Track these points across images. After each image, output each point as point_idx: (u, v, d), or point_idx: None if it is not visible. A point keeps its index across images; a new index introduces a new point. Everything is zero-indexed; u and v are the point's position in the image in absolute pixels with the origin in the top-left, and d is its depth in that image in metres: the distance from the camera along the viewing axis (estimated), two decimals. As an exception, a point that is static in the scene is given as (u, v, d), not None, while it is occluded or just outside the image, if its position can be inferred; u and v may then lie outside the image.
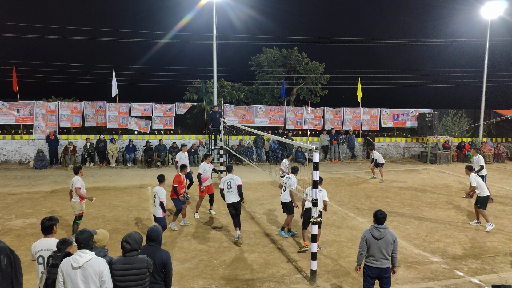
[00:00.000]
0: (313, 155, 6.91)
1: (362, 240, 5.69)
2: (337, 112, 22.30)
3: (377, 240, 5.59)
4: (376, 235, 5.61)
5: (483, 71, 22.88)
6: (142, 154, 19.01)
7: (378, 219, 5.65)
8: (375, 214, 5.69)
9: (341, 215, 11.06)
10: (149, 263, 4.46)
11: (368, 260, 5.71)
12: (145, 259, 4.46)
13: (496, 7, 21.52)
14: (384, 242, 5.59)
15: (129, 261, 4.39)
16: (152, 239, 4.88)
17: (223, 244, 8.72)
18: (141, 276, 4.40)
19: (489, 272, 7.51)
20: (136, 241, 4.46)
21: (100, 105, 19.70)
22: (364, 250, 5.69)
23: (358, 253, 5.79)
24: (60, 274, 4.23)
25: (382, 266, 5.65)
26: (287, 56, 25.25)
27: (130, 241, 4.42)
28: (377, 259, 5.63)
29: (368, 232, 5.69)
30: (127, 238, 4.45)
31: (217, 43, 18.75)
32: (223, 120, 15.89)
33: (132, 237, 4.46)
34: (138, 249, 4.49)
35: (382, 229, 5.61)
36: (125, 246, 4.42)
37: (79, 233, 4.38)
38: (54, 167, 18.04)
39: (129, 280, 4.36)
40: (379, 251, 5.60)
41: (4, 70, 21.39)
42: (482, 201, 10.03)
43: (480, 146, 22.17)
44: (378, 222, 5.66)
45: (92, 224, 9.87)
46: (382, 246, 5.58)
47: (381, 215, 5.64)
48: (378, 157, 15.84)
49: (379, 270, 5.66)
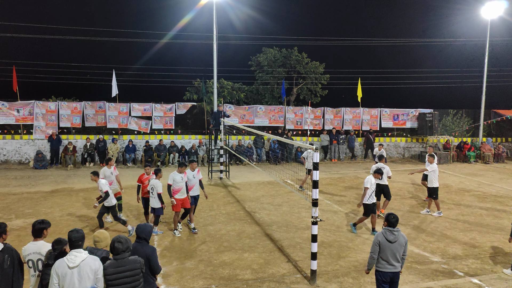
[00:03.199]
0: (313, 155, 6.91)
1: (375, 244, 5.59)
2: (337, 112, 22.30)
3: (391, 244, 5.52)
4: (390, 238, 5.54)
5: (483, 71, 22.90)
6: (142, 154, 19.02)
7: (391, 222, 5.61)
8: (387, 217, 5.65)
9: (341, 215, 11.06)
10: (141, 263, 4.43)
11: (381, 265, 5.61)
12: (137, 260, 4.42)
13: (496, 7, 21.53)
14: (398, 245, 5.55)
15: (122, 264, 4.32)
16: (139, 236, 4.96)
17: (223, 244, 8.72)
18: (135, 277, 4.37)
19: (489, 272, 7.51)
20: (127, 240, 4.42)
21: (100, 105, 19.70)
22: (376, 254, 5.59)
23: (369, 257, 5.68)
24: (54, 276, 4.20)
25: (395, 270, 5.59)
26: (287, 56, 25.24)
27: (122, 241, 4.36)
28: (391, 263, 5.56)
29: (381, 235, 5.59)
30: (119, 238, 4.37)
31: (217, 43, 18.74)
32: (223, 120, 15.88)
33: (123, 237, 4.42)
34: (130, 249, 4.44)
35: (396, 232, 5.58)
36: (117, 246, 4.32)
37: (74, 232, 4.37)
38: (54, 167, 18.04)
39: (123, 283, 4.29)
40: (393, 255, 5.54)
41: (4, 70, 21.39)
42: (433, 192, 10.99)
43: (480, 146, 22.19)
44: (391, 225, 5.61)
45: (92, 224, 9.87)
46: (395, 249, 5.54)
47: (393, 218, 5.62)
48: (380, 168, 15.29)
49: (392, 275, 5.61)
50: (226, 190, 13.88)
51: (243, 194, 12.97)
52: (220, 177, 16.06)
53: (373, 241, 5.64)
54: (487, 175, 17.51)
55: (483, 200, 12.98)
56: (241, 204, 11.97)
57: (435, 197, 11.04)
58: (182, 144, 19.82)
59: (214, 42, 18.64)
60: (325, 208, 11.65)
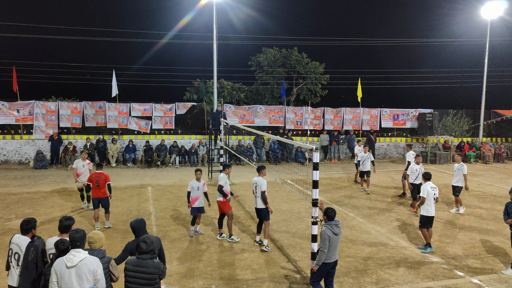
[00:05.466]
0: (313, 155, 6.91)
1: (326, 239, 5.82)
2: (337, 112, 22.31)
3: (336, 236, 5.92)
4: (337, 231, 5.92)
5: (483, 71, 22.91)
6: (142, 154, 19.02)
7: (331, 216, 5.97)
8: (327, 211, 6.01)
9: (341, 215, 11.05)
10: (160, 270, 4.43)
11: (327, 257, 5.89)
12: (157, 265, 4.43)
13: (496, 7, 21.54)
14: (339, 236, 6.00)
15: (141, 264, 4.40)
16: (135, 231, 5.11)
17: (223, 244, 8.72)
18: (150, 281, 4.40)
19: (489, 272, 7.51)
20: (153, 243, 4.46)
21: (100, 105, 19.70)
22: (327, 249, 5.84)
23: (321, 253, 5.87)
24: (53, 275, 4.23)
25: (336, 258, 6.04)
26: (287, 56, 25.24)
27: (147, 241, 4.43)
28: (335, 254, 5.98)
29: (328, 230, 5.87)
30: (145, 239, 4.47)
31: (217, 43, 18.75)
32: (223, 120, 15.87)
33: (149, 239, 4.48)
34: (154, 252, 4.48)
35: (339, 224, 6.01)
36: (141, 245, 4.42)
37: (74, 232, 4.39)
38: (54, 167, 18.04)
39: (139, 283, 4.40)
40: (336, 246, 5.97)
41: (4, 70, 21.40)
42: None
43: (480, 146, 22.19)
44: (330, 219, 5.96)
45: (92, 224, 9.87)
46: (338, 240, 5.99)
47: (332, 212, 5.99)
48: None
49: (333, 264, 6.02)
50: (226, 190, 13.87)
51: (243, 194, 12.96)
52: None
53: (322, 237, 5.85)
54: (487, 175, 17.51)
55: (483, 200, 12.97)
56: (241, 204, 11.97)
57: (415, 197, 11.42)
58: (182, 144, 19.82)
59: (214, 42, 18.64)
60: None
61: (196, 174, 9.07)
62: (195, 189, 8.98)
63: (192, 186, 8.98)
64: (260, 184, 8.32)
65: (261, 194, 8.22)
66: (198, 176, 9.04)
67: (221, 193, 8.78)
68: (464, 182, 11.37)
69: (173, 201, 12.24)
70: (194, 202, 9.00)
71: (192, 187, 8.97)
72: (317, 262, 5.92)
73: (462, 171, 11.35)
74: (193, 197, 8.98)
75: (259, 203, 8.34)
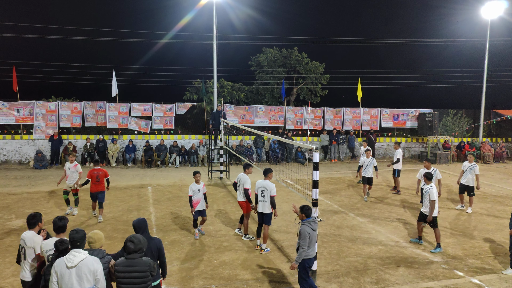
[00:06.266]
0: (313, 155, 6.91)
1: (306, 237, 5.93)
2: (337, 112, 22.31)
3: (315, 232, 6.11)
4: (315, 227, 6.12)
5: (483, 71, 22.89)
6: (142, 154, 19.02)
7: (308, 214, 6.12)
8: (303, 209, 6.12)
9: (341, 215, 11.05)
10: (152, 267, 4.44)
11: (308, 253, 6.02)
12: (148, 263, 4.44)
13: (496, 7, 21.52)
14: (317, 231, 6.16)
15: (132, 264, 4.38)
16: (136, 230, 5.13)
17: (223, 244, 8.72)
18: (143, 279, 4.40)
19: (489, 272, 7.52)
20: (141, 242, 4.45)
21: (100, 105, 19.70)
22: (307, 246, 5.95)
23: (301, 250, 5.95)
24: (53, 275, 4.23)
25: (315, 252, 6.24)
26: (287, 56, 25.24)
27: (134, 241, 4.41)
28: (313, 249, 6.15)
29: (308, 228, 6.00)
30: (131, 238, 4.44)
31: (217, 43, 18.74)
32: (223, 120, 15.88)
33: (136, 238, 4.46)
34: (142, 251, 4.47)
35: (316, 219, 6.23)
36: (128, 245, 4.39)
37: (74, 232, 4.39)
38: (54, 167, 18.04)
39: (131, 282, 4.38)
40: (315, 242, 6.16)
41: (4, 70, 21.40)
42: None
43: (480, 146, 22.19)
44: (308, 216, 6.11)
45: (93, 224, 9.87)
46: (316, 235, 6.17)
47: (308, 209, 6.13)
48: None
49: (314, 259, 6.22)
50: (226, 190, 13.89)
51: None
52: (220, 177, 16.06)
53: (302, 234, 5.95)
54: (487, 175, 17.50)
55: (483, 200, 12.97)
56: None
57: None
58: (182, 144, 19.82)
59: (214, 42, 18.63)
60: (325, 208, 11.65)
61: (195, 177, 9.00)
62: (196, 192, 8.89)
63: (193, 190, 8.89)
64: (270, 189, 8.11)
65: (271, 199, 8.07)
66: (197, 178, 8.98)
67: (247, 197, 8.74)
68: (476, 182, 11.47)
69: (173, 201, 12.25)
70: (196, 205, 8.94)
71: (193, 190, 8.89)
72: (297, 259, 5.98)
73: (474, 171, 11.45)
74: (195, 200, 8.91)
75: (266, 207, 8.18)
